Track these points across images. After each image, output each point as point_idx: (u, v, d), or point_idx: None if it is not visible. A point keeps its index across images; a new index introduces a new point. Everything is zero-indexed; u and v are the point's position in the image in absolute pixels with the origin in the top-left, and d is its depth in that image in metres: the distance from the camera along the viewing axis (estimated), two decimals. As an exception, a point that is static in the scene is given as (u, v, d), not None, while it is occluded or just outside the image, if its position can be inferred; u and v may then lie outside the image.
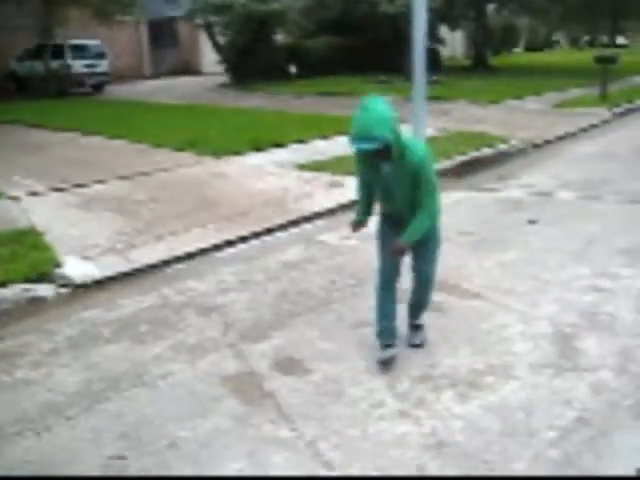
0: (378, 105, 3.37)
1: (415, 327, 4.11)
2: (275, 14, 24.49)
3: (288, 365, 3.91)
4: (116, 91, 23.50)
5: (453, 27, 30.44)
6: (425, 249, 3.79)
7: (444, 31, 29.41)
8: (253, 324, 4.52)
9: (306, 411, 3.40)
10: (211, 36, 26.84)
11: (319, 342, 4.18)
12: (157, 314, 4.78)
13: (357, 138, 3.34)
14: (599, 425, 3.16)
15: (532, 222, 6.43)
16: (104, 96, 22.44)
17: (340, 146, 10.40)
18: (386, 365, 3.79)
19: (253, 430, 3.27)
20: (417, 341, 4.05)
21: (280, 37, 26.77)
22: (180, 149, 10.73)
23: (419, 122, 9.23)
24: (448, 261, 5.46)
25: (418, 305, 4.04)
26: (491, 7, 31.91)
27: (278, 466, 2.98)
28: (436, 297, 4.74)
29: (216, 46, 26.74)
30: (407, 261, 3.92)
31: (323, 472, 2.92)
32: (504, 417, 3.26)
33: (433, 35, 23.97)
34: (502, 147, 10.25)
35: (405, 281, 4.03)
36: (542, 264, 5.34)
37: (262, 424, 3.31)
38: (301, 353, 4.05)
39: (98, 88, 23.63)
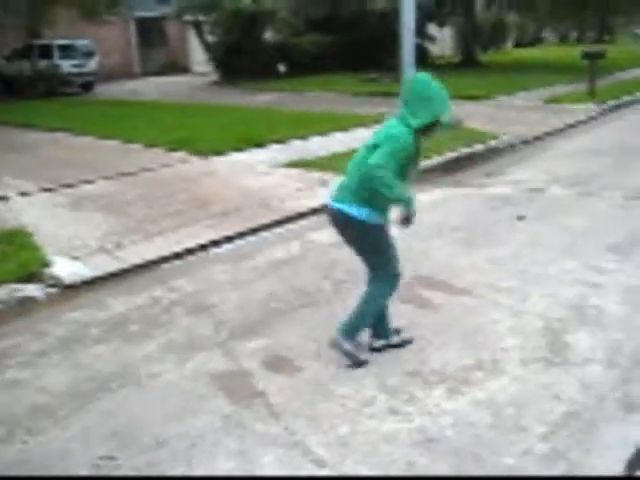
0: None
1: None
2: (264, 12, 24.46)
3: (278, 363, 3.91)
4: (105, 90, 23.39)
5: (442, 24, 30.45)
6: None
7: (433, 28, 29.41)
8: (243, 323, 4.51)
9: (296, 409, 3.40)
10: (200, 34, 26.79)
11: (309, 340, 4.18)
12: (147, 313, 4.77)
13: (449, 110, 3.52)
14: (588, 419, 3.17)
15: (521, 218, 6.45)
16: (93, 95, 22.34)
17: (328, 145, 10.42)
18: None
19: (243, 429, 3.26)
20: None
21: (269, 35, 26.71)
22: (170, 148, 10.70)
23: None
24: (438, 257, 5.51)
25: None
26: (480, 3, 31.96)
27: (268, 464, 2.97)
28: (426, 294, 4.78)
29: (205, 44, 26.69)
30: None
31: (314, 470, 2.92)
32: (494, 412, 3.27)
33: (422, 32, 23.99)
34: (491, 143, 10.27)
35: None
36: (531, 259, 5.37)
37: (252, 422, 3.31)
38: (291, 351, 4.05)
39: (87, 87, 23.47)
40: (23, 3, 21.46)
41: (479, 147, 9.99)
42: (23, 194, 8.07)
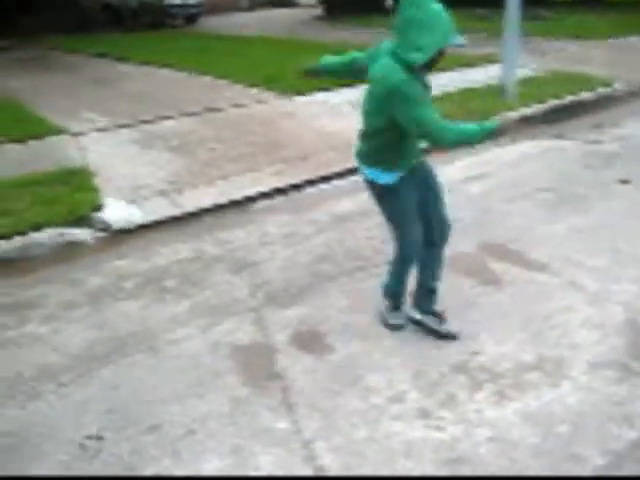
0: None
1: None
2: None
3: (308, 339, 3.46)
4: (209, 23, 23.10)
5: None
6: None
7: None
8: (284, 287, 4.08)
9: (313, 400, 2.95)
10: (308, -34, 25.88)
11: (350, 313, 3.69)
12: (186, 268, 4.43)
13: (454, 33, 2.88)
14: (663, 452, 2.54)
15: (624, 182, 5.57)
16: (196, 29, 22.12)
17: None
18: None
19: (248, 418, 2.85)
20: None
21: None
22: (256, 86, 10.27)
23: (510, 61, 8.35)
24: (516, 223, 4.82)
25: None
26: None
27: (263, 468, 2.55)
28: (494, 266, 4.15)
29: (312, -23, 25.79)
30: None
31: (313, 481, 2.48)
32: (544, 430, 2.67)
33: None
34: (604, 91, 9.13)
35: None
36: (626, 234, 4.55)
37: (260, 411, 2.89)
38: (326, 325, 3.58)
39: (191, 20, 23.29)
40: None
41: (590, 95, 8.89)
42: (96, 130, 7.88)
